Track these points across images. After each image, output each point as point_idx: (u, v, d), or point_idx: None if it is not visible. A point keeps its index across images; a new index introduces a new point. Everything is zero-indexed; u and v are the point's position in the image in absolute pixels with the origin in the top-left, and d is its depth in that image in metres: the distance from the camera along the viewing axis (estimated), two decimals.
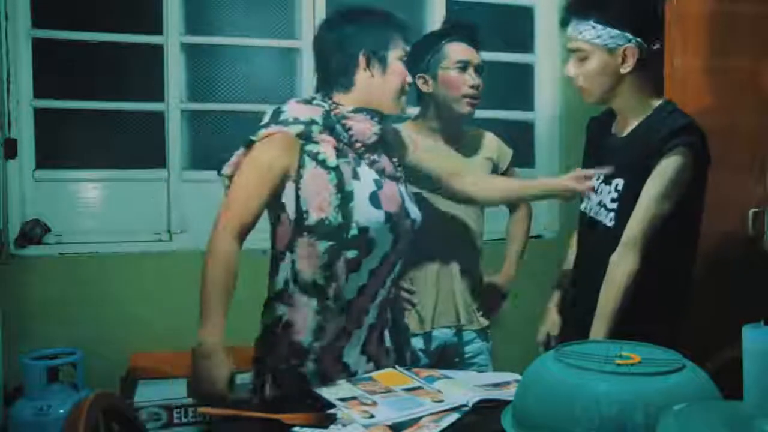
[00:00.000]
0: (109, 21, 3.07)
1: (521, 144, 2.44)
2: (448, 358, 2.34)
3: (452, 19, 2.48)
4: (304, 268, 1.76)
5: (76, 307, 2.92)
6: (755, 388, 1.16)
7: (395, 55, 1.83)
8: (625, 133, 1.89)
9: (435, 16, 3.37)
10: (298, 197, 1.74)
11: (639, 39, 1.79)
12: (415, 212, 1.89)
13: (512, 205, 2.49)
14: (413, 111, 2.38)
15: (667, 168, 1.75)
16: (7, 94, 2.91)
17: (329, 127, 1.79)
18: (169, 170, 3.12)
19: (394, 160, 1.92)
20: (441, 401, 1.57)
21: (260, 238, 1.89)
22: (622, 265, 1.75)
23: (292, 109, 1.80)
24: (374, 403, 1.55)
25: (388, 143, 1.94)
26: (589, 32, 1.80)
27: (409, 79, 1.87)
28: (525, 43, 3.63)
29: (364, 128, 1.83)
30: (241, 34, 3.21)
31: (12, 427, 2.57)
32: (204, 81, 3.20)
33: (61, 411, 2.53)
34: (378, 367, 1.86)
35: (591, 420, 1.20)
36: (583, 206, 2.00)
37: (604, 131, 1.98)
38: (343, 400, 1.58)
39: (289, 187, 1.75)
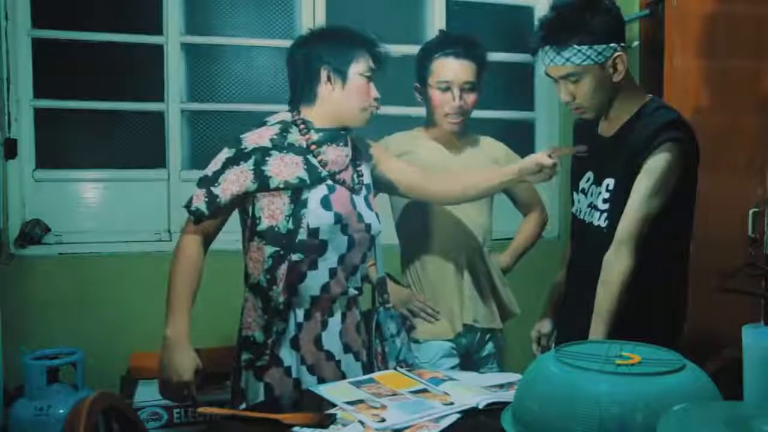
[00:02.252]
0: (109, 21, 3.07)
1: (521, 144, 2.44)
2: (468, 359, 2.34)
3: (446, 32, 2.42)
4: (252, 270, 1.88)
5: (76, 307, 2.92)
6: (755, 388, 1.16)
7: (356, 70, 1.89)
8: (611, 133, 1.89)
9: (435, 16, 3.38)
10: (253, 204, 1.86)
11: (622, 44, 1.80)
12: (374, 223, 1.95)
13: (524, 209, 2.48)
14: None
15: (655, 165, 1.75)
16: (7, 94, 2.91)
17: (282, 147, 1.86)
18: (169, 170, 3.13)
19: (359, 169, 1.98)
20: (451, 404, 1.57)
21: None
22: (616, 264, 1.75)
23: (250, 139, 1.87)
24: (383, 407, 1.55)
25: (357, 154, 2.00)
26: (577, 56, 1.79)
27: (374, 93, 1.92)
28: (525, 44, 3.62)
29: (337, 157, 1.91)
30: (241, 34, 3.21)
31: (12, 427, 2.57)
32: (204, 81, 3.20)
33: (61, 411, 2.53)
34: (357, 358, 1.95)
35: (591, 420, 1.20)
36: (573, 209, 2.00)
37: (590, 132, 1.97)
38: (350, 403, 1.57)
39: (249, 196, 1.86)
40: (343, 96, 1.90)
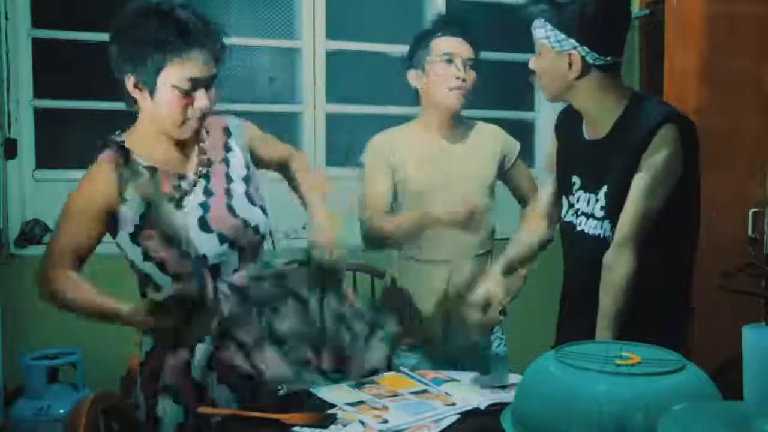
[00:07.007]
0: (110, 21, 3.06)
1: (521, 144, 2.43)
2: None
3: (443, 14, 2.45)
4: None
5: None
6: (755, 388, 1.16)
7: (167, 78, 1.60)
8: (600, 137, 1.80)
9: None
10: None
11: (587, 48, 1.72)
12: (256, 218, 1.79)
13: (523, 198, 2.41)
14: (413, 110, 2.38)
15: (654, 161, 1.68)
16: (7, 94, 2.91)
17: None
18: None
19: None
20: (453, 404, 1.57)
21: None
22: (618, 265, 1.69)
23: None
24: (385, 408, 1.55)
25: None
26: (540, 30, 1.79)
27: (200, 102, 1.63)
28: (525, 43, 3.62)
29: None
30: (241, 34, 3.21)
31: (12, 427, 2.57)
32: None
33: (61, 411, 2.53)
34: (230, 387, 1.74)
35: (591, 420, 1.20)
36: (568, 219, 1.90)
37: (575, 136, 1.89)
38: (352, 404, 1.57)
39: None
40: (155, 107, 1.65)
